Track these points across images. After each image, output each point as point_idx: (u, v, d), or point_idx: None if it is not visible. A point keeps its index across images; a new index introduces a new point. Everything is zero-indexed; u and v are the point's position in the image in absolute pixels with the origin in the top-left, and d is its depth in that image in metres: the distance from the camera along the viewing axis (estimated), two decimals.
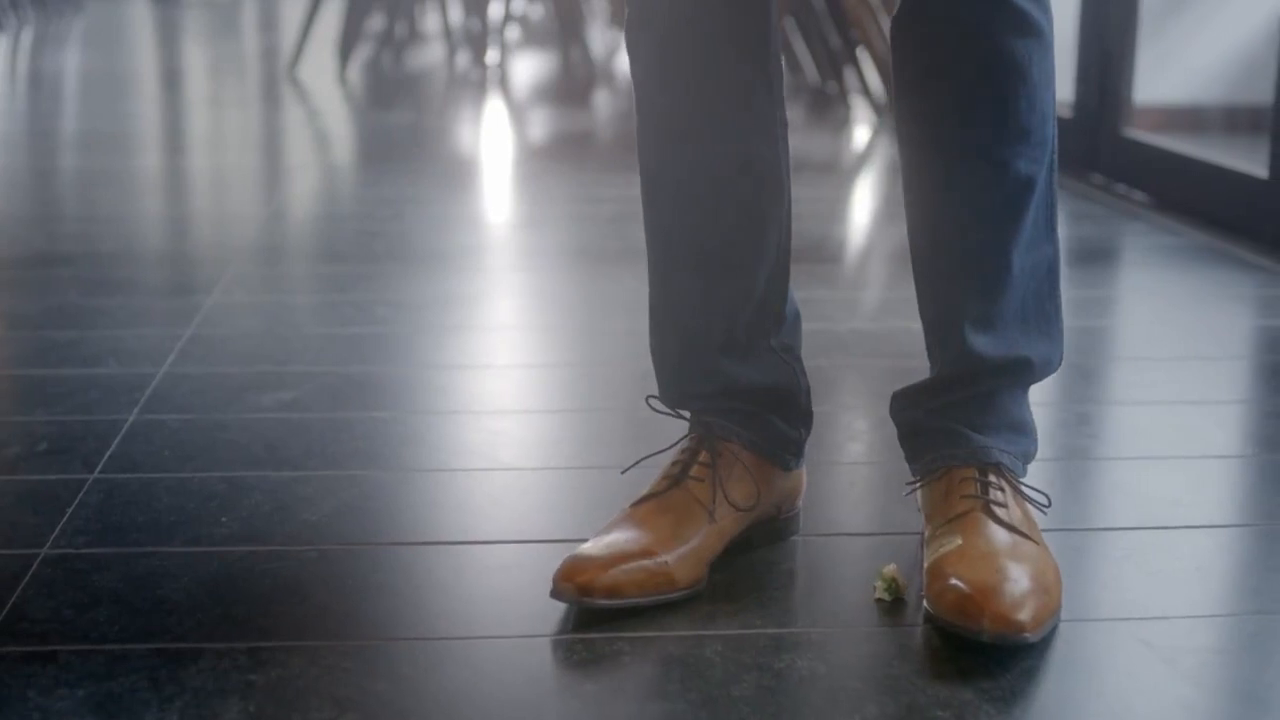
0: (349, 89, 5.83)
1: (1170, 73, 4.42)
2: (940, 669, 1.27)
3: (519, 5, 8.78)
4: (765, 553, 1.50)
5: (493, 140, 4.64)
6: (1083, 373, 2.15)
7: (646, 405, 1.57)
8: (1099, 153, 3.71)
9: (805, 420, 1.54)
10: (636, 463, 1.57)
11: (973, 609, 1.28)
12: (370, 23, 7.02)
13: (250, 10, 10.79)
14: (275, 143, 4.63)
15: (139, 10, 10.65)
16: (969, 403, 1.45)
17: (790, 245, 1.49)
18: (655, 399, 1.54)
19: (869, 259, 3.01)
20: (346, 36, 6.27)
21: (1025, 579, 1.31)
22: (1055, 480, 1.70)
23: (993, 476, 1.42)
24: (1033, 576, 1.32)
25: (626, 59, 1.46)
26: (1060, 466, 1.76)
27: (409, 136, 4.56)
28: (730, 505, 1.45)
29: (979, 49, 1.36)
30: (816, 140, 4.47)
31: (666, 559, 1.38)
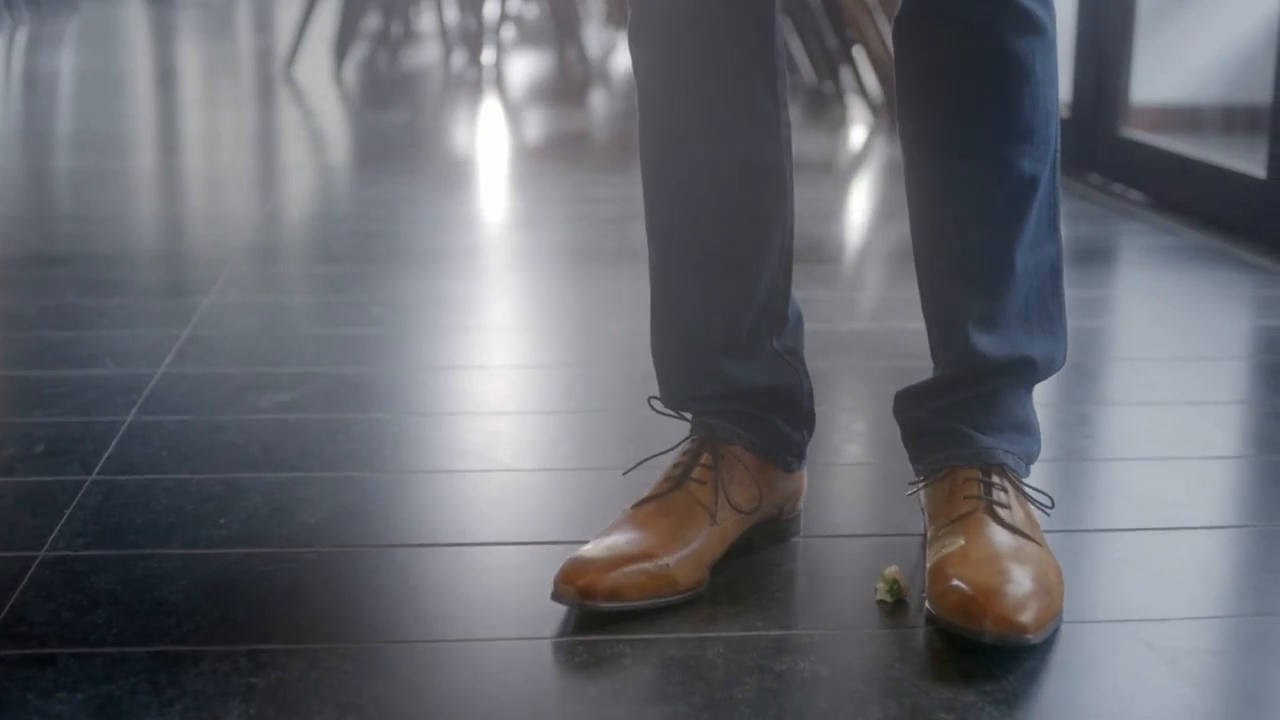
0: (344, 89, 5.82)
1: (1168, 72, 4.42)
2: (942, 671, 1.27)
3: (514, 4, 8.78)
4: (766, 554, 1.50)
5: (489, 140, 4.63)
6: (1081, 373, 2.14)
7: (646, 406, 1.57)
8: (1096, 152, 3.71)
9: (807, 422, 1.53)
10: (638, 464, 1.57)
11: (975, 610, 1.27)
12: (366, 22, 7.01)
13: (244, 10, 10.78)
14: (271, 143, 4.62)
15: (134, 10, 10.65)
16: (973, 403, 1.45)
17: (793, 246, 1.49)
18: (657, 400, 1.53)
19: (866, 259, 3.00)
20: (342, 36, 6.26)
21: (1027, 581, 1.31)
22: (1054, 481, 1.69)
23: (996, 477, 1.41)
24: (1035, 578, 1.32)
25: (623, 59, 1.46)
26: (1059, 467, 1.76)
27: (405, 136, 4.55)
28: (732, 508, 1.45)
29: (982, 47, 1.36)
30: (813, 140, 4.47)
31: (668, 561, 1.37)
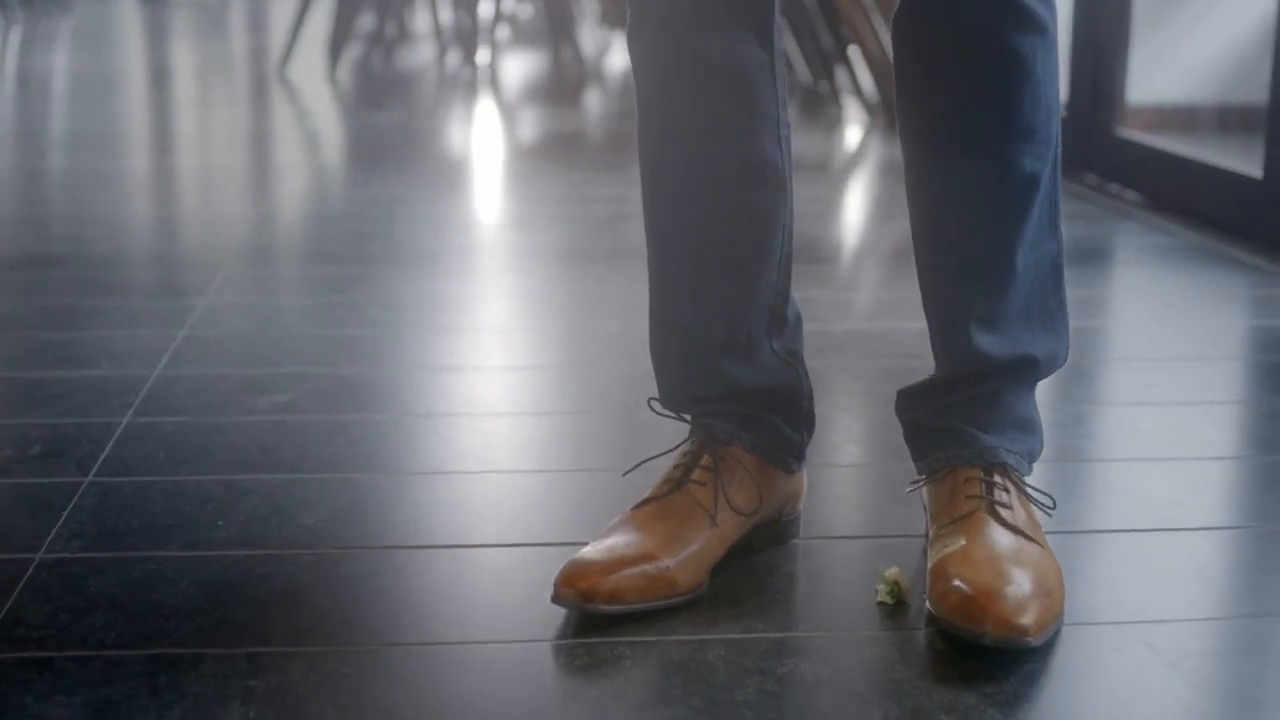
0: (339, 89, 5.82)
1: (1164, 72, 4.42)
2: (943, 673, 1.27)
3: (509, 4, 8.78)
4: (766, 556, 1.50)
5: (483, 140, 4.63)
6: (1077, 374, 2.14)
7: (643, 407, 1.56)
8: (1092, 152, 3.71)
9: (807, 423, 1.53)
10: (637, 465, 1.56)
11: (975, 611, 1.27)
12: (360, 22, 7.00)
13: (238, 10, 10.77)
14: (266, 143, 4.62)
15: (127, 10, 10.63)
16: (975, 402, 1.44)
17: (792, 247, 1.49)
18: (656, 401, 1.53)
19: (863, 259, 3.00)
20: (336, 36, 6.26)
21: (1028, 582, 1.31)
22: (1051, 482, 1.69)
23: (998, 477, 1.41)
24: (1035, 580, 1.32)
25: (618, 59, 1.46)
26: (1056, 468, 1.76)
27: (399, 137, 4.55)
28: (732, 509, 1.44)
29: (983, 46, 1.36)
30: (809, 140, 4.47)
31: (668, 563, 1.37)
